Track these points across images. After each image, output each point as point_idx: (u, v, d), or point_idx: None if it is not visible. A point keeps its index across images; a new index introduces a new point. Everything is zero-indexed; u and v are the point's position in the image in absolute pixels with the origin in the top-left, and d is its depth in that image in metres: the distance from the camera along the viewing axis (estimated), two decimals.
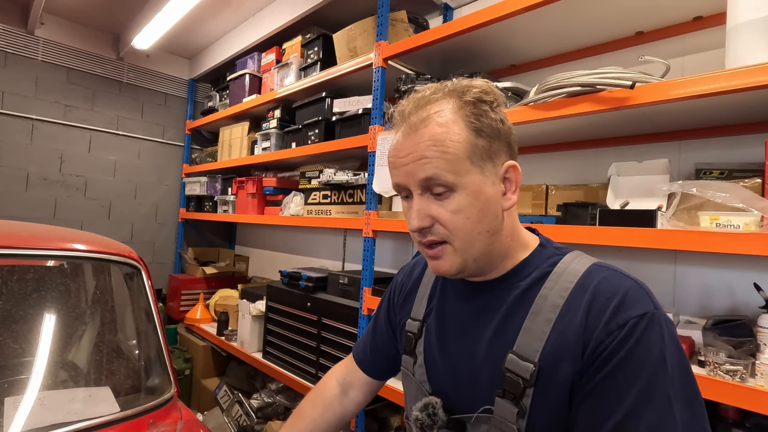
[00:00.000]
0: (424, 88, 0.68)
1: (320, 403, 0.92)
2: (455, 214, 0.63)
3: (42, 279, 1.27)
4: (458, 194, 0.62)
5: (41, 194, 2.97)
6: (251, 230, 3.63)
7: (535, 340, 0.61)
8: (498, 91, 0.67)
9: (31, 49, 2.90)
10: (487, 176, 0.63)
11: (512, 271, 0.69)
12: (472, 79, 0.67)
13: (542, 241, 0.73)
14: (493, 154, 0.64)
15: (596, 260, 0.67)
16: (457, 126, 0.62)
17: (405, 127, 0.65)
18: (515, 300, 0.67)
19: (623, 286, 0.60)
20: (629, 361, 0.55)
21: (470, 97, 0.63)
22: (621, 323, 0.57)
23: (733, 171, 1.23)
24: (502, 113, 0.67)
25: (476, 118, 0.63)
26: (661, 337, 0.56)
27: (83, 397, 1.13)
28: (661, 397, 0.53)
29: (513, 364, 0.62)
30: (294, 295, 2.16)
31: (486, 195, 0.63)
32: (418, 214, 0.64)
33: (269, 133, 2.61)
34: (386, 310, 0.93)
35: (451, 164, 0.61)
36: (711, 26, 1.36)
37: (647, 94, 1.11)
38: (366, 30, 2.01)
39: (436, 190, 0.63)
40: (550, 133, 1.59)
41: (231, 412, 2.37)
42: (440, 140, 0.61)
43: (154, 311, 1.34)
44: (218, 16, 2.81)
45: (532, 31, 1.56)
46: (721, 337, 1.12)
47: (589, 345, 0.58)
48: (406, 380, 0.82)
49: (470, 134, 0.62)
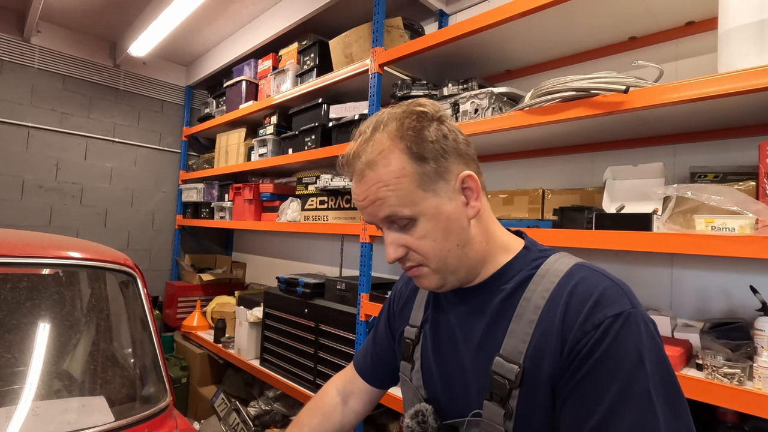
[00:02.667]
0: (363, 125, 0.69)
1: (319, 412, 0.92)
2: (422, 240, 0.66)
3: (36, 287, 1.26)
4: (420, 222, 0.65)
5: (37, 202, 2.95)
6: (248, 236, 3.62)
7: (519, 342, 0.63)
8: (435, 106, 0.68)
9: (27, 57, 2.90)
10: (443, 195, 0.65)
11: (495, 275, 0.70)
12: (410, 102, 0.69)
13: (527, 244, 0.74)
14: (443, 172, 0.65)
15: (580, 260, 0.67)
16: (400, 160, 0.63)
17: (354, 173, 0.67)
18: (500, 303, 0.68)
19: (600, 286, 0.60)
20: (606, 361, 0.55)
21: (407, 127, 0.64)
22: (596, 323, 0.57)
23: (728, 174, 1.24)
24: (447, 126, 0.67)
25: (417, 146, 0.64)
26: (639, 336, 0.56)
27: (77, 407, 1.11)
28: (640, 396, 0.53)
29: (499, 366, 0.63)
30: (291, 302, 2.15)
31: (446, 213, 0.65)
32: (392, 246, 0.67)
33: (266, 139, 2.61)
34: (386, 318, 0.94)
35: (404, 199, 0.63)
36: (703, 31, 1.38)
37: (641, 98, 1.12)
38: (362, 36, 2.02)
39: (399, 223, 0.66)
40: (546, 138, 1.59)
41: (228, 420, 2.35)
42: (387, 180, 0.63)
43: (150, 319, 1.33)
44: (215, 23, 2.82)
45: (526, 37, 1.57)
46: (719, 340, 1.11)
47: (567, 345, 0.58)
48: (404, 386, 0.83)
49: (414, 164, 0.63)
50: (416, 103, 0.68)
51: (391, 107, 0.70)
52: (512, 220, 1.57)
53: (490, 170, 1.95)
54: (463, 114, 1.57)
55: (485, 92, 1.52)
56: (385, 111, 0.69)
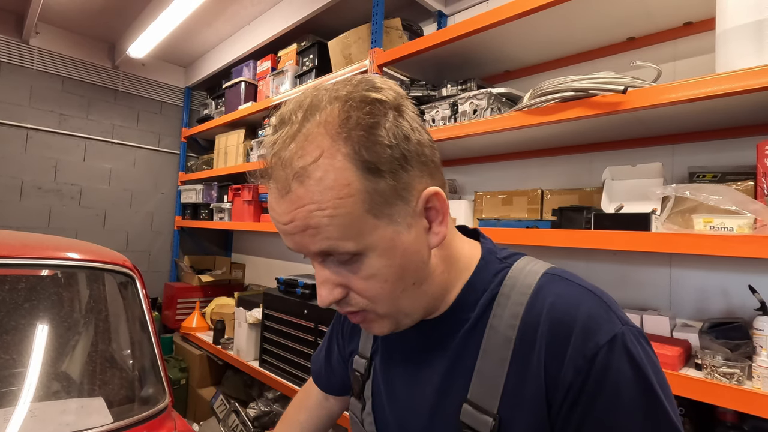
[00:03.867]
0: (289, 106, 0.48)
1: (305, 407, 0.90)
2: (369, 281, 0.49)
3: (34, 288, 1.26)
4: (368, 257, 0.48)
5: (36, 203, 2.95)
6: (247, 238, 3.62)
7: (491, 387, 0.50)
8: (393, 91, 0.49)
9: (26, 59, 2.90)
10: (400, 221, 0.48)
11: (456, 304, 0.57)
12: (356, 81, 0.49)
13: (484, 252, 0.59)
14: (403, 190, 0.47)
15: (547, 267, 0.55)
16: (344, 173, 0.44)
17: (274, 183, 0.47)
18: (463, 336, 0.55)
19: (582, 306, 0.49)
20: (612, 402, 0.45)
21: (354, 123, 0.45)
22: (589, 356, 0.46)
23: (726, 174, 1.24)
24: (408, 121, 0.48)
25: (368, 151, 0.44)
26: (639, 360, 0.46)
27: (75, 409, 1.11)
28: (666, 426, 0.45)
29: (469, 417, 0.51)
30: (290, 303, 2.15)
31: (402, 246, 0.49)
32: (326, 286, 0.50)
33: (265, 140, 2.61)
34: (336, 337, 0.82)
35: (347, 229, 0.45)
36: (701, 31, 1.38)
37: (639, 98, 1.12)
38: (361, 37, 2.03)
39: (339, 258, 0.48)
40: (545, 138, 1.60)
41: (227, 421, 2.35)
42: (323, 202, 0.44)
43: (149, 320, 1.33)
44: (213, 24, 2.82)
45: (525, 38, 1.57)
46: (718, 340, 1.11)
47: (556, 389, 0.47)
48: (354, 428, 0.70)
49: (365, 179, 0.45)
50: (369, 84, 0.48)
51: (333, 84, 0.49)
52: (511, 220, 1.57)
53: (489, 171, 1.95)
54: (462, 114, 1.57)
55: (484, 93, 1.52)
56: (322, 87, 0.49)
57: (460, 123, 1.55)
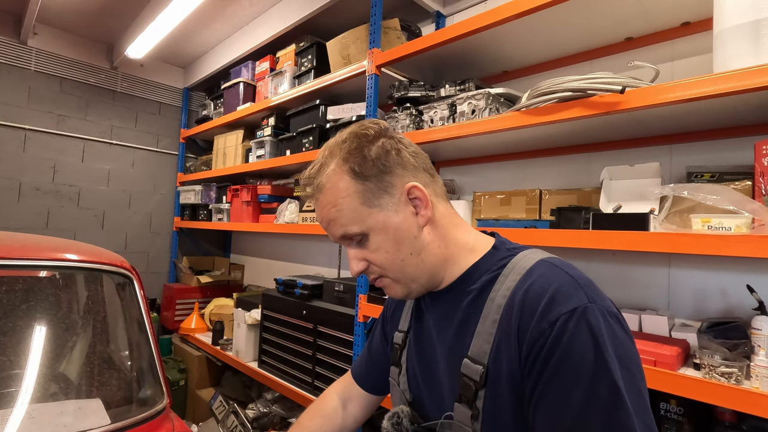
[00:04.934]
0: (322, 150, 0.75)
1: (319, 415, 0.93)
2: (376, 253, 0.69)
3: (32, 289, 1.26)
4: (371, 236, 0.69)
5: (34, 204, 2.94)
6: (246, 238, 3.62)
7: (484, 343, 0.64)
8: (378, 126, 0.72)
9: (24, 59, 2.90)
10: (389, 208, 0.68)
11: (461, 278, 0.72)
12: (360, 123, 0.73)
13: (497, 243, 0.74)
14: (386, 187, 0.68)
15: (547, 256, 0.68)
16: (344, 182, 0.68)
17: (311, 198, 0.74)
18: (468, 305, 0.69)
19: (555, 282, 0.60)
20: (566, 361, 0.54)
21: (348, 151, 0.69)
22: (551, 321, 0.56)
23: (724, 174, 1.24)
24: (390, 142, 0.70)
25: (358, 166, 0.67)
26: (598, 331, 0.54)
27: (73, 410, 1.11)
28: (608, 393, 0.52)
29: (466, 368, 0.64)
30: (289, 303, 2.14)
31: (394, 225, 0.68)
32: (354, 261, 0.72)
33: (263, 140, 2.61)
34: (381, 324, 0.96)
35: (351, 217, 0.68)
36: (699, 32, 1.38)
37: (637, 98, 1.12)
38: (359, 38, 2.03)
39: (354, 239, 0.70)
40: (543, 138, 1.60)
41: (226, 423, 2.34)
42: (334, 201, 0.68)
43: (147, 321, 1.32)
44: (212, 25, 2.82)
45: (523, 38, 1.57)
46: (716, 339, 1.11)
47: (524, 346, 0.58)
48: (393, 390, 0.85)
49: (356, 184, 0.67)
50: (361, 125, 0.73)
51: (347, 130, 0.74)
52: (510, 220, 1.57)
53: (487, 171, 1.95)
54: (461, 115, 1.57)
55: (482, 93, 1.52)
56: (338, 136, 0.74)
57: (458, 123, 1.55)
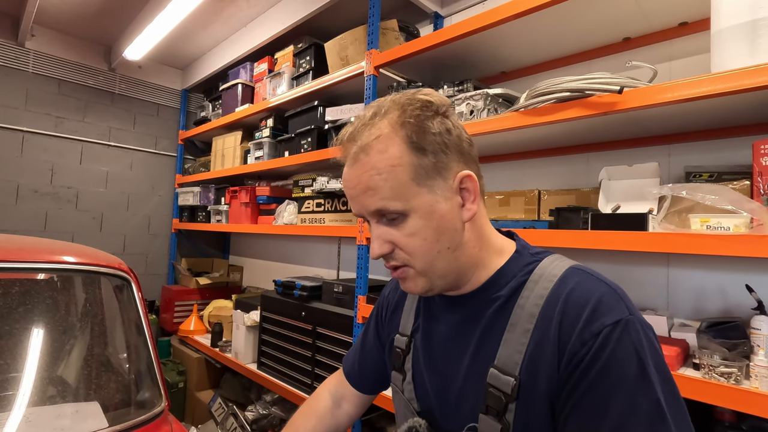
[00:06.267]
0: (367, 108, 0.65)
1: (313, 415, 0.91)
2: (411, 238, 0.61)
3: (29, 292, 1.25)
4: (411, 218, 0.61)
5: (32, 207, 2.94)
6: (245, 240, 3.61)
7: (514, 353, 0.60)
8: (442, 99, 0.64)
9: (22, 61, 2.89)
10: (438, 193, 0.61)
11: (488, 282, 0.67)
12: (416, 91, 0.65)
13: (518, 247, 0.70)
14: (442, 169, 0.61)
15: (574, 263, 0.65)
16: (398, 149, 0.59)
17: (348, 156, 0.63)
18: (494, 312, 0.65)
19: (596, 293, 0.58)
20: (607, 373, 0.53)
21: (409, 115, 0.60)
22: (595, 332, 0.54)
23: (722, 173, 1.24)
24: (451, 121, 0.63)
25: (417, 136, 0.60)
26: (639, 344, 0.54)
27: (71, 413, 1.10)
28: (648, 406, 0.51)
29: (494, 378, 0.60)
30: (288, 305, 2.14)
31: (439, 213, 0.61)
32: (378, 241, 0.63)
33: (262, 142, 2.61)
34: (375, 325, 0.91)
35: (397, 191, 0.59)
36: (696, 32, 1.38)
37: (635, 98, 1.12)
38: (357, 39, 2.03)
39: (389, 216, 0.62)
40: (541, 139, 1.60)
41: (226, 424, 2.33)
42: (381, 168, 0.59)
43: (145, 323, 1.32)
44: (210, 26, 2.82)
45: (521, 39, 1.57)
46: (715, 339, 1.11)
47: (564, 356, 0.56)
48: (395, 397, 0.80)
49: (412, 155, 0.60)
50: (422, 91, 0.64)
51: (394, 94, 0.66)
52: (508, 221, 1.57)
53: (485, 171, 1.93)
54: (459, 115, 1.57)
55: (480, 94, 1.52)
56: (388, 98, 0.65)
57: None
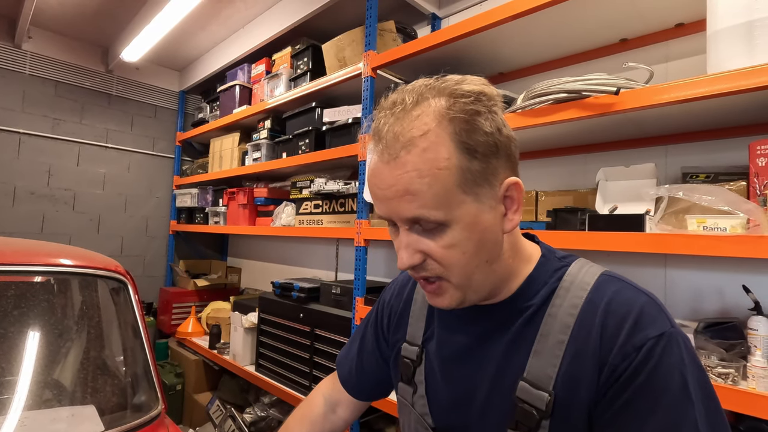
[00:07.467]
0: (404, 91, 0.56)
1: (307, 421, 0.88)
2: (449, 250, 0.54)
3: (25, 295, 1.25)
4: (451, 229, 0.54)
5: (29, 209, 2.92)
6: (243, 241, 3.61)
7: (547, 366, 0.56)
8: (494, 91, 0.56)
9: (19, 63, 2.88)
10: (484, 202, 0.54)
11: (519, 292, 0.62)
12: (462, 78, 0.56)
13: (544, 251, 0.66)
14: (490, 175, 0.54)
15: (603, 269, 0.61)
16: (446, 149, 0.51)
17: (384, 150, 0.53)
18: (523, 322, 0.60)
19: (637, 303, 0.55)
20: (649, 387, 0.50)
21: (460, 109, 0.52)
22: (638, 345, 0.51)
23: (719, 174, 1.25)
24: (500, 118, 0.55)
25: (468, 135, 0.52)
26: (681, 359, 0.51)
27: (67, 417, 1.09)
28: (688, 425, 0.49)
29: (525, 392, 0.56)
30: (286, 307, 2.14)
31: (483, 224, 0.55)
32: (408, 250, 0.56)
33: (260, 143, 2.60)
34: (374, 332, 0.84)
35: (440, 199, 0.52)
36: (692, 33, 1.39)
37: (632, 99, 1.12)
38: (355, 40, 2.03)
39: (425, 226, 0.54)
40: (539, 140, 1.60)
41: (224, 427, 2.33)
42: (425, 170, 0.51)
43: (141, 326, 1.31)
44: (207, 28, 2.82)
45: (518, 40, 1.58)
46: (713, 339, 1.12)
47: (605, 369, 0.53)
48: (403, 411, 0.74)
49: (461, 157, 0.52)
50: (473, 80, 0.55)
51: (432, 79, 0.56)
52: None
53: None
54: None
55: None
56: (426, 83, 0.56)
57: None
